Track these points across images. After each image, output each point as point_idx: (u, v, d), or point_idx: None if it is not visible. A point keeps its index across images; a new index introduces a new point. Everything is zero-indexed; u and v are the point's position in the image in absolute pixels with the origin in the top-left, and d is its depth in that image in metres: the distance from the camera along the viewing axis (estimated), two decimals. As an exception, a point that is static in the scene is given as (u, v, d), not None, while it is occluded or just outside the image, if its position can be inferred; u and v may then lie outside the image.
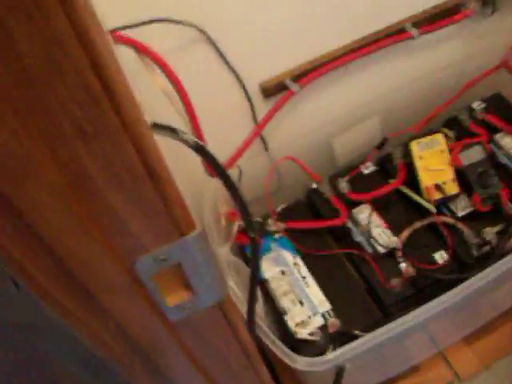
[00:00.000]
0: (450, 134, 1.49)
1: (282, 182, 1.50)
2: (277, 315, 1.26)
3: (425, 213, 1.32)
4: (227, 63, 1.21)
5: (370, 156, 1.44)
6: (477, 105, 1.52)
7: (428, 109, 1.50)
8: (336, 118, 1.45)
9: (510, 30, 1.60)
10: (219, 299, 0.48)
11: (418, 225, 1.28)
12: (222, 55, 1.19)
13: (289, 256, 1.32)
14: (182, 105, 0.94)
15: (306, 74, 1.29)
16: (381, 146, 1.45)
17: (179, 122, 0.98)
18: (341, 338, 1.18)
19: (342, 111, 1.45)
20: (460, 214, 1.30)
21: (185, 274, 0.45)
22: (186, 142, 0.76)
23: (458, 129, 1.48)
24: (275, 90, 1.30)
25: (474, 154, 1.33)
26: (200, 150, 0.76)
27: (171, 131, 0.76)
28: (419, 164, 1.32)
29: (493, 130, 1.45)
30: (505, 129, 1.43)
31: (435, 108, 1.48)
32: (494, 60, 1.55)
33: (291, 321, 1.22)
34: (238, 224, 1.32)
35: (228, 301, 0.52)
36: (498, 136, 1.44)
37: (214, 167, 0.76)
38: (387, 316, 1.21)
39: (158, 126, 0.79)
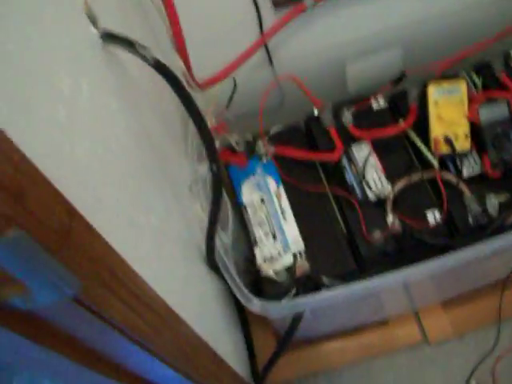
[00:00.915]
0: (478, 81, 1.36)
1: (285, 101, 1.40)
2: (249, 245, 1.21)
3: (428, 165, 1.22)
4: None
5: (384, 90, 1.32)
6: (515, 53, 1.38)
7: (459, 48, 1.36)
8: (353, 40, 1.32)
9: None
10: (58, 299, 0.42)
11: (416, 177, 1.19)
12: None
13: (272, 184, 1.24)
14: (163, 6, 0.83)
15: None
16: (398, 80, 1.33)
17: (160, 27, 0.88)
18: (307, 283, 1.12)
19: (361, 35, 1.33)
20: (466, 174, 1.21)
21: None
22: (144, 58, 0.66)
23: (487, 77, 1.35)
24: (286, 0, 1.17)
25: (496, 111, 1.21)
26: (160, 68, 0.66)
27: (128, 45, 0.66)
28: (433, 110, 1.21)
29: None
30: (541, 87, 1.30)
31: (466, 49, 1.34)
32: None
33: (260, 254, 1.16)
34: (221, 139, 1.24)
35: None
36: (531, 94, 1.31)
37: (175, 88, 0.67)
38: (362, 270, 1.15)
39: (113, 38, 0.69)
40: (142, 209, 0.68)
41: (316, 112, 1.30)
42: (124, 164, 0.66)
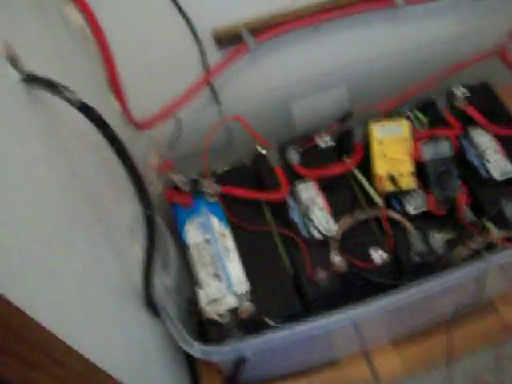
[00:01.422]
0: (423, 118, 1.39)
1: (233, 140, 1.41)
2: (193, 286, 1.19)
3: (374, 203, 1.23)
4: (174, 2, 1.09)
5: (331, 128, 1.34)
6: (459, 91, 1.42)
7: (404, 87, 1.40)
8: (300, 80, 1.34)
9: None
10: None
11: (362, 216, 1.20)
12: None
13: (217, 224, 1.24)
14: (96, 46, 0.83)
15: (266, 30, 1.17)
16: (344, 119, 1.35)
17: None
18: (252, 325, 1.11)
19: (307, 74, 1.35)
20: (412, 212, 1.22)
21: None
22: (68, 100, 0.66)
23: (432, 114, 1.38)
24: (230, 40, 1.19)
25: (439, 149, 1.24)
26: (85, 110, 0.66)
27: (51, 87, 0.66)
28: (377, 149, 1.23)
29: (470, 123, 1.36)
30: (483, 124, 1.34)
31: (411, 88, 1.38)
32: (488, 45, 1.44)
33: (203, 296, 1.15)
34: (166, 178, 1.24)
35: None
36: (474, 132, 1.34)
37: (101, 129, 0.66)
38: (308, 311, 1.15)
39: (35, 80, 0.69)
40: (61, 254, 0.67)
41: (263, 151, 1.31)
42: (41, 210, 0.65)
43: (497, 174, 1.26)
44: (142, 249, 1.03)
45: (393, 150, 1.23)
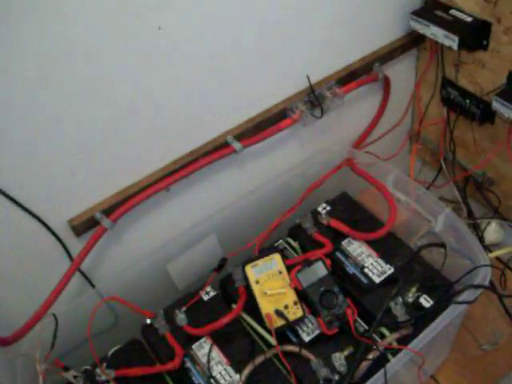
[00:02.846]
0: (295, 244, 1.48)
1: (119, 317, 1.42)
2: None
3: (269, 342, 1.28)
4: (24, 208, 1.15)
5: (210, 280, 1.40)
6: (321, 208, 1.54)
7: (271, 218, 1.49)
8: (168, 241, 1.41)
9: (348, 127, 1.65)
10: None
11: (259, 359, 1.24)
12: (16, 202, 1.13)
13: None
14: None
15: (119, 207, 1.24)
16: (220, 267, 1.41)
17: None
18: None
19: (173, 234, 1.41)
20: (307, 339, 1.27)
21: None
22: None
23: (302, 238, 1.48)
24: (86, 226, 1.25)
25: (314, 272, 1.31)
26: None
27: None
28: (256, 289, 1.29)
29: (339, 235, 1.46)
30: (350, 234, 1.44)
31: (276, 219, 1.48)
32: (335, 160, 1.59)
33: None
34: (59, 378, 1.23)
35: None
36: (344, 243, 1.44)
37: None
38: None
39: None
40: None
41: (148, 320, 1.33)
42: None
43: (376, 277, 1.35)
44: None
45: (271, 286, 1.29)
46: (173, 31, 1.12)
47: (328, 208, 1.53)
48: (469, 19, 1.44)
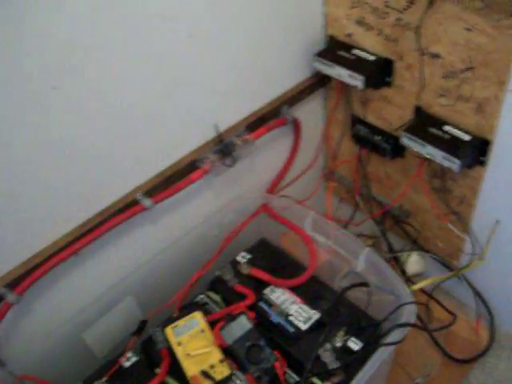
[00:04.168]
0: (217, 297, 1.45)
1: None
2: None
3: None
4: None
5: (130, 344, 1.34)
6: (241, 257, 1.52)
7: (190, 273, 1.46)
8: (83, 308, 1.34)
9: (261, 173, 1.65)
10: None
11: (189, 427, 1.19)
12: None
13: None
14: None
15: (24, 278, 1.18)
16: (140, 330, 1.36)
17: None
18: None
19: (88, 299, 1.35)
20: (237, 397, 1.24)
21: None
22: None
23: (223, 290, 1.45)
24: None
25: (238, 326, 1.29)
26: None
27: None
28: (179, 351, 1.25)
29: (261, 284, 1.44)
30: (272, 282, 1.43)
31: (195, 273, 1.44)
32: (251, 207, 1.58)
33: None
34: None
35: None
36: (267, 291, 1.42)
37: None
38: None
39: None
40: None
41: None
42: None
43: (302, 324, 1.34)
44: None
45: (194, 346, 1.25)
46: (71, 90, 1.08)
47: (248, 256, 1.51)
48: (371, 58, 1.47)
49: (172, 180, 1.35)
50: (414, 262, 1.80)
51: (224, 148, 1.40)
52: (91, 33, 1.06)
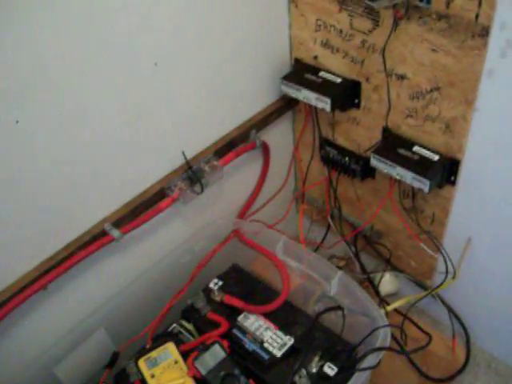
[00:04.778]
0: (190, 326, 1.44)
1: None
2: None
3: None
4: None
5: (103, 377, 1.32)
6: (213, 284, 1.51)
7: (163, 302, 1.44)
8: (53, 343, 1.32)
9: (232, 198, 1.65)
10: None
11: None
12: None
13: None
14: None
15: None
16: (112, 363, 1.34)
17: None
18: None
19: (58, 334, 1.33)
20: (212, 430, 1.22)
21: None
22: None
23: (196, 318, 1.44)
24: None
25: (212, 356, 1.28)
26: None
27: None
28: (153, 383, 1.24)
29: (235, 311, 1.44)
30: (245, 308, 1.42)
31: (167, 303, 1.43)
32: (222, 233, 1.57)
33: None
34: None
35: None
36: (240, 318, 1.42)
37: None
38: None
39: None
40: None
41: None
42: None
43: (276, 351, 1.33)
44: None
45: (168, 378, 1.24)
46: (31, 124, 1.06)
47: (220, 283, 1.51)
48: (338, 80, 1.49)
49: (140, 209, 1.34)
50: (387, 282, 1.81)
51: (192, 175, 1.40)
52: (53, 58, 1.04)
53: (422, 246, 1.59)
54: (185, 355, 1.29)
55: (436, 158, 1.35)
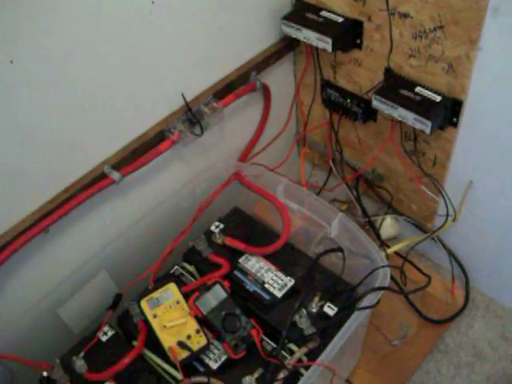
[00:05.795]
0: (191, 268, 1.47)
1: (16, 374, 1.35)
2: None
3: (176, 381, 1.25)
4: None
5: (106, 318, 1.36)
6: (215, 227, 1.53)
7: (164, 245, 1.47)
8: (56, 285, 1.35)
9: (232, 141, 1.66)
10: None
11: (167, 398, 1.21)
12: None
13: None
14: None
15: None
16: (115, 304, 1.37)
17: None
18: None
19: (60, 276, 1.36)
20: (214, 366, 1.26)
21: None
22: None
23: (198, 261, 1.46)
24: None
25: (213, 296, 1.30)
26: None
27: None
28: (155, 323, 1.26)
29: (236, 253, 1.46)
30: (247, 250, 1.44)
31: (169, 245, 1.45)
32: (223, 176, 1.58)
33: None
34: None
35: None
36: (242, 260, 1.44)
37: None
38: None
39: None
40: None
41: (45, 374, 1.28)
42: None
43: (277, 292, 1.36)
44: None
45: (170, 318, 1.27)
46: (25, 63, 1.06)
47: (221, 226, 1.53)
48: (340, 19, 1.47)
49: (140, 152, 1.35)
50: (388, 226, 1.83)
51: (192, 117, 1.40)
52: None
53: (423, 189, 1.61)
54: (186, 296, 1.31)
55: (438, 98, 1.35)
